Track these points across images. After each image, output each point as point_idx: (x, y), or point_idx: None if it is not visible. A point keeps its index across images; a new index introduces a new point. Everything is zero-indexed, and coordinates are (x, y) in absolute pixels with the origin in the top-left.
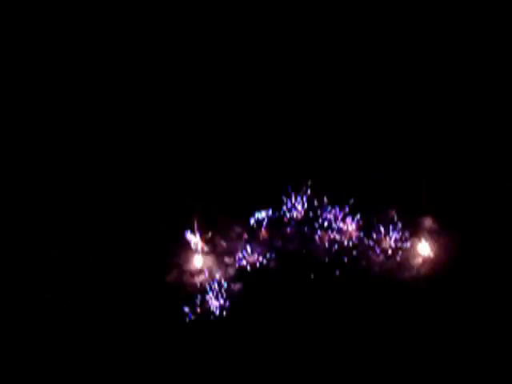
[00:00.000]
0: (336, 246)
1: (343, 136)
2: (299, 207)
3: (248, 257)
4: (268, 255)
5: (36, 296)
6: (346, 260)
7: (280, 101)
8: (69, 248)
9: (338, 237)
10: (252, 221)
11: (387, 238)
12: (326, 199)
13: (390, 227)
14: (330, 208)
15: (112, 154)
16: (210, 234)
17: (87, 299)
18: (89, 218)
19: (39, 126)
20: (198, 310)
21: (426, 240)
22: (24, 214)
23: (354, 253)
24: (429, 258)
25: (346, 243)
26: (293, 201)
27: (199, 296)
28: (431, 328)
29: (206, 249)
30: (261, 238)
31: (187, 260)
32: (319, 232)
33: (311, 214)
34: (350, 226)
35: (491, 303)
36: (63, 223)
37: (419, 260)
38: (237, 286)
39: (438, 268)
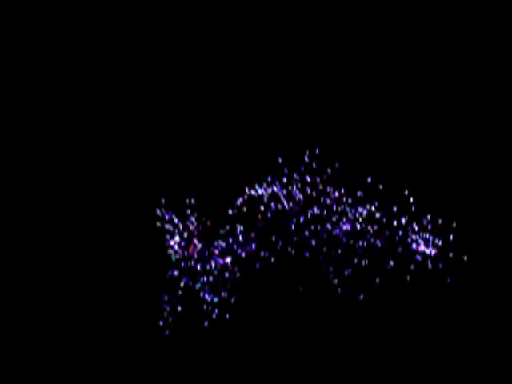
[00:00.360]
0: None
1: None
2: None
3: (242, 247)
4: (265, 246)
5: (36, 296)
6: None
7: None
8: (69, 248)
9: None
10: (243, 202)
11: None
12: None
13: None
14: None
15: (112, 154)
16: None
17: (87, 299)
18: (88, 218)
19: (39, 126)
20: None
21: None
22: (24, 214)
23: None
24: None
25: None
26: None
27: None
28: (433, 328)
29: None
30: (256, 225)
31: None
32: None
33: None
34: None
35: (491, 303)
36: (63, 223)
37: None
38: (230, 280)
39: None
